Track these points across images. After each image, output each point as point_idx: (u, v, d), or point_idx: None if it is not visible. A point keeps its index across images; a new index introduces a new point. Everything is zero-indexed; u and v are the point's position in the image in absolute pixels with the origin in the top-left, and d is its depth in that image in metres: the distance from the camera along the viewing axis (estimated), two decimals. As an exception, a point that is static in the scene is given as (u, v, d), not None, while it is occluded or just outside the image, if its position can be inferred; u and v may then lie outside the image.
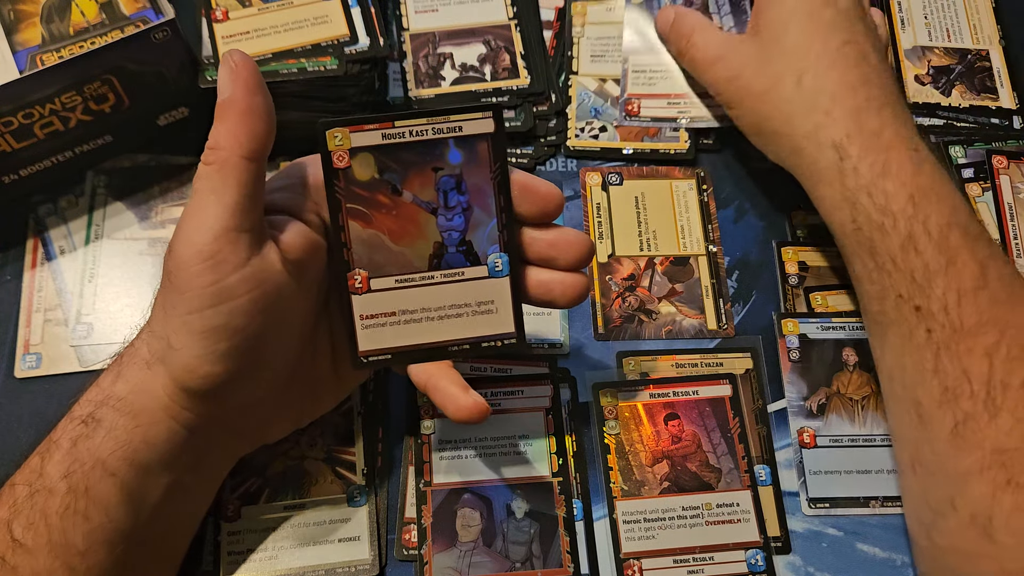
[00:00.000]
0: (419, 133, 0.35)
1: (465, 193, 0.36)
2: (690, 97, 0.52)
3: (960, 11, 0.56)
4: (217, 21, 0.47)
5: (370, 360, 0.37)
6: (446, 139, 0.35)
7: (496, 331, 0.37)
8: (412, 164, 0.35)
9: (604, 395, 0.44)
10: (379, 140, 0.35)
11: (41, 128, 0.45)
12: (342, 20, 0.47)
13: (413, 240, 0.36)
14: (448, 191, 0.36)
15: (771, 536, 0.42)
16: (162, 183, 0.49)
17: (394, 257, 0.36)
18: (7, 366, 0.45)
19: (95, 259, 0.47)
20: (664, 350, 0.46)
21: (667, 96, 0.52)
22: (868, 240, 0.40)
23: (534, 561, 0.41)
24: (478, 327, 0.37)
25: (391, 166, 0.35)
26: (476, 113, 0.35)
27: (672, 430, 0.44)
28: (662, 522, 0.42)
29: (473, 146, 0.35)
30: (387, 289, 0.36)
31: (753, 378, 0.46)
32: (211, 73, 0.45)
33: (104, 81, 0.44)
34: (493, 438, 0.43)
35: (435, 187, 0.36)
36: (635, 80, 0.53)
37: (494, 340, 0.37)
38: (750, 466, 0.43)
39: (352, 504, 0.42)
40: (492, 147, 0.35)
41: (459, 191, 0.36)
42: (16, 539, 0.32)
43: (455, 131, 0.35)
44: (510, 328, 0.37)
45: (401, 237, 0.36)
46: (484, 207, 0.36)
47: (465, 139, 0.35)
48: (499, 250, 0.36)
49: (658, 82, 0.53)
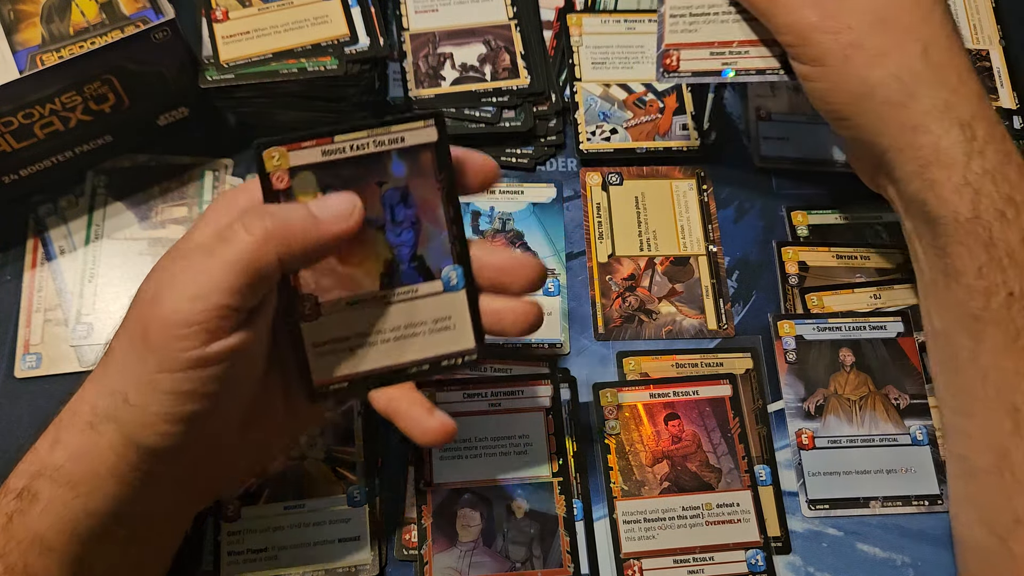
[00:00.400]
0: (360, 147, 0.33)
1: (412, 206, 0.35)
2: (740, 45, 0.44)
3: (960, 11, 0.56)
4: (217, 21, 0.47)
5: (328, 390, 0.35)
6: (388, 151, 0.34)
7: (456, 348, 0.36)
8: (355, 180, 0.33)
9: (604, 395, 0.44)
10: (319, 157, 0.33)
11: (41, 128, 0.45)
12: (342, 20, 0.47)
13: (362, 259, 0.34)
14: (394, 205, 0.35)
15: (771, 536, 0.42)
16: (162, 183, 0.49)
17: (343, 278, 0.34)
18: (7, 366, 0.45)
19: (95, 259, 0.47)
20: (664, 350, 0.46)
21: (711, 45, 0.44)
22: (986, 230, 0.37)
23: (534, 561, 0.41)
24: (437, 345, 0.36)
25: (333, 184, 0.33)
26: (418, 122, 0.34)
27: (672, 430, 0.44)
28: (662, 522, 0.42)
29: (417, 157, 0.34)
30: (338, 312, 0.34)
31: (753, 378, 0.46)
32: (211, 73, 0.45)
33: (104, 81, 0.44)
34: (493, 438, 0.43)
35: (381, 202, 0.34)
36: (673, 26, 0.45)
37: (455, 358, 0.36)
38: (750, 466, 0.43)
39: (352, 504, 0.42)
40: (436, 156, 0.34)
41: (406, 204, 0.35)
42: None
43: (397, 142, 0.34)
44: (470, 344, 0.36)
45: (349, 257, 0.34)
46: (433, 219, 0.35)
47: (408, 150, 0.34)
48: (452, 263, 0.35)
49: (701, 27, 0.44)
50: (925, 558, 0.42)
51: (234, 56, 0.46)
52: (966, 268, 0.37)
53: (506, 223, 0.49)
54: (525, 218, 0.49)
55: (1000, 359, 0.37)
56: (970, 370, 0.39)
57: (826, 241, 0.49)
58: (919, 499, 0.43)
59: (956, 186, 0.37)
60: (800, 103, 0.53)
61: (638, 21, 0.55)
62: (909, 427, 0.45)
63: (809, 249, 0.49)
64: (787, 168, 0.52)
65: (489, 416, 0.44)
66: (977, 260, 0.37)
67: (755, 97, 0.53)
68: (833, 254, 0.49)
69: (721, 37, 0.44)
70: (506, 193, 0.50)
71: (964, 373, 0.39)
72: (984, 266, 0.37)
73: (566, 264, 0.48)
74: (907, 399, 0.45)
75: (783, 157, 0.52)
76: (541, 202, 0.50)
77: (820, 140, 0.52)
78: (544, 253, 0.49)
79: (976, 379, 0.38)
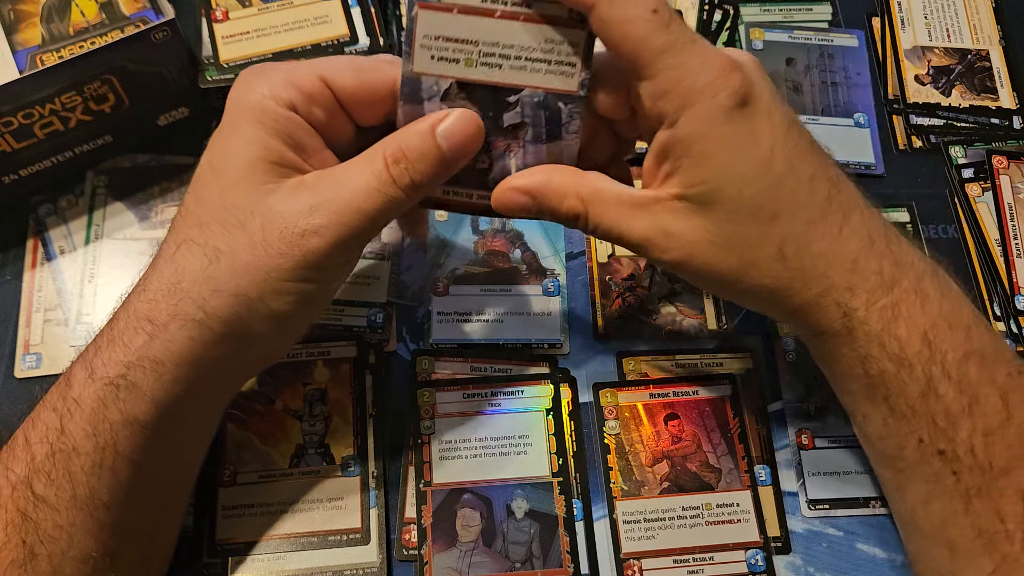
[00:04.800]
0: (294, 356, 0.44)
1: (328, 404, 0.43)
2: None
3: (960, 11, 0.56)
4: (217, 21, 0.47)
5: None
6: (316, 360, 0.44)
7: (344, 525, 0.41)
8: (286, 380, 0.43)
9: (604, 395, 0.44)
10: None
11: (41, 128, 0.45)
12: (342, 20, 0.47)
13: (278, 442, 0.42)
14: (313, 402, 0.43)
15: (771, 536, 0.42)
16: (162, 183, 0.49)
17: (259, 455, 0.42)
18: (7, 366, 0.45)
19: (95, 259, 0.47)
20: (664, 350, 0.46)
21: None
22: (883, 390, 0.36)
23: (534, 561, 0.41)
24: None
25: (268, 380, 0.43)
26: (343, 342, 0.44)
27: (672, 430, 0.44)
28: (662, 522, 0.42)
29: (338, 367, 0.44)
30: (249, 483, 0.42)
31: (754, 378, 0.46)
32: (211, 73, 0.45)
33: (104, 81, 0.44)
34: (493, 438, 0.43)
35: (303, 398, 0.43)
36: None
37: (341, 534, 0.41)
38: (750, 466, 0.43)
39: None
40: (353, 369, 0.44)
41: (323, 403, 0.43)
42: (38, 495, 0.32)
43: (324, 355, 0.44)
44: (356, 524, 0.41)
45: (268, 439, 0.42)
46: (342, 416, 0.43)
47: (332, 361, 0.44)
48: (352, 453, 0.42)
49: None
50: (925, 558, 0.42)
51: (234, 56, 0.46)
52: (874, 423, 0.37)
53: (506, 223, 0.49)
54: (525, 218, 0.49)
55: (925, 502, 0.36)
56: (903, 514, 0.38)
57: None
58: (919, 499, 0.43)
59: (848, 359, 0.36)
60: (799, 103, 0.53)
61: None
62: (909, 427, 0.45)
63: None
64: (787, 168, 0.52)
65: (489, 416, 0.44)
66: (882, 415, 0.36)
67: (755, 97, 0.53)
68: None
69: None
70: (506, 193, 0.50)
71: (901, 518, 0.39)
72: (889, 419, 0.36)
73: (566, 264, 0.48)
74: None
75: (783, 157, 0.52)
76: (541, 202, 0.50)
77: (819, 140, 0.52)
78: (544, 253, 0.49)
79: (908, 522, 0.38)
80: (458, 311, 0.47)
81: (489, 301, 0.47)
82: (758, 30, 0.55)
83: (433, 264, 0.48)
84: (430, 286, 0.47)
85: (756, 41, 0.55)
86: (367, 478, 0.42)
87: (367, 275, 0.47)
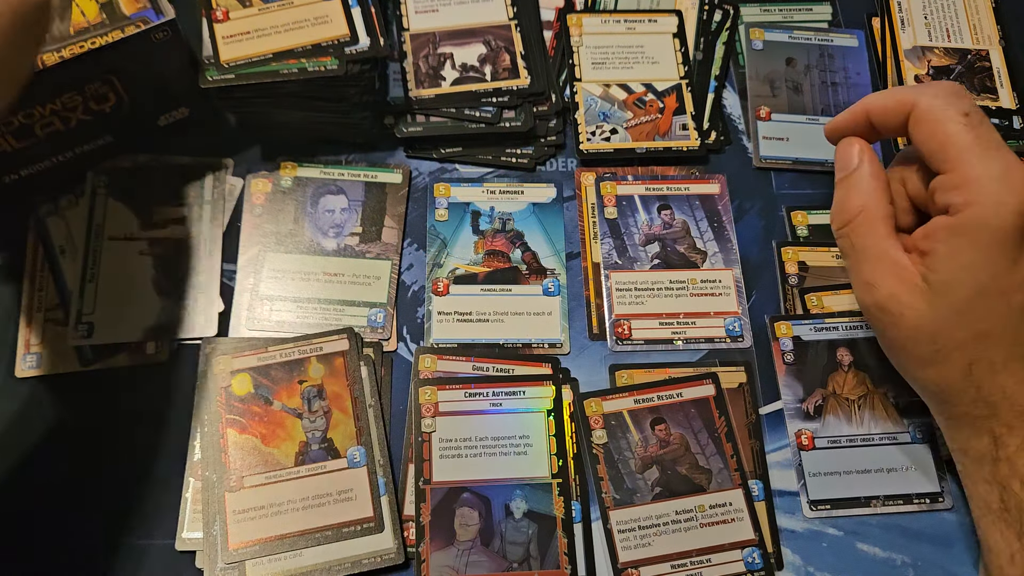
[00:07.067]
0: (287, 355, 0.44)
1: (326, 399, 0.43)
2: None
3: (960, 11, 0.56)
4: (217, 21, 0.47)
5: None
6: (309, 357, 0.43)
7: (356, 516, 0.41)
8: (281, 380, 0.43)
9: (589, 405, 0.44)
10: (255, 363, 0.44)
11: (41, 128, 0.45)
12: (342, 20, 0.47)
13: (280, 442, 0.42)
14: (311, 399, 0.43)
15: (767, 552, 0.42)
16: (162, 183, 0.49)
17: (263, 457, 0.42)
18: (7, 366, 0.45)
19: (95, 259, 0.47)
20: (657, 363, 0.46)
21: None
22: (1017, 523, 0.36)
23: (531, 562, 0.41)
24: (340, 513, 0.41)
25: (263, 382, 0.43)
26: (333, 336, 0.44)
27: (659, 434, 0.44)
28: (657, 528, 0.42)
29: (331, 361, 0.43)
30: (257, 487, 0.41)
31: (747, 392, 0.45)
32: (211, 73, 0.45)
33: (104, 81, 0.44)
34: (493, 438, 0.43)
35: (300, 396, 0.43)
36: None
37: (355, 524, 0.41)
38: (739, 464, 0.43)
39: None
40: (347, 361, 0.44)
41: (321, 398, 0.43)
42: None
43: (317, 351, 0.44)
44: (368, 512, 0.41)
45: (271, 440, 0.42)
46: (342, 409, 0.43)
47: (325, 356, 0.44)
48: (357, 444, 0.42)
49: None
50: (925, 558, 0.42)
51: (234, 56, 0.46)
52: (1000, 550, 0.37)
53: (506, 223, 0.49)
54: (525, 218, 0.49)
55: None
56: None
57: (826, 241, 0.49)
58: (920, 497, 0.43)
59: (985, 478, 0.38)
60: (799, 103, 0.53)
61: (638, 21, 0.55)
62: (908, 425, 0.45)
63: (809, 249, 0.49)
64: (787, 168, 0.52)
65: (489, 416, 0.44)
66: (1011, 546, 0.37)
67: (755, 97, 0.53)
68: (833, 254, 0.49)
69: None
70: (506, 193, 0.50)
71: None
72: (1018, 552, 0.37)
73: (566, 264, 0.48)
74: (906, 397, 0.45)
75: (783, 157, 0.52)
76: (541, 202, 0.50)
77: (820, 140, 0.52)
78: (544, 253, 0.49)
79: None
80: (458, 311, 0.47)
81: (489, 301, 0.47)
82: (758, 30, 0.55)
83: (433, 264, 0.48)
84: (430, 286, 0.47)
85: (756, 41, 0.55)
86: (374, 467, 0.42)
87: (367, 275, 0.47)
